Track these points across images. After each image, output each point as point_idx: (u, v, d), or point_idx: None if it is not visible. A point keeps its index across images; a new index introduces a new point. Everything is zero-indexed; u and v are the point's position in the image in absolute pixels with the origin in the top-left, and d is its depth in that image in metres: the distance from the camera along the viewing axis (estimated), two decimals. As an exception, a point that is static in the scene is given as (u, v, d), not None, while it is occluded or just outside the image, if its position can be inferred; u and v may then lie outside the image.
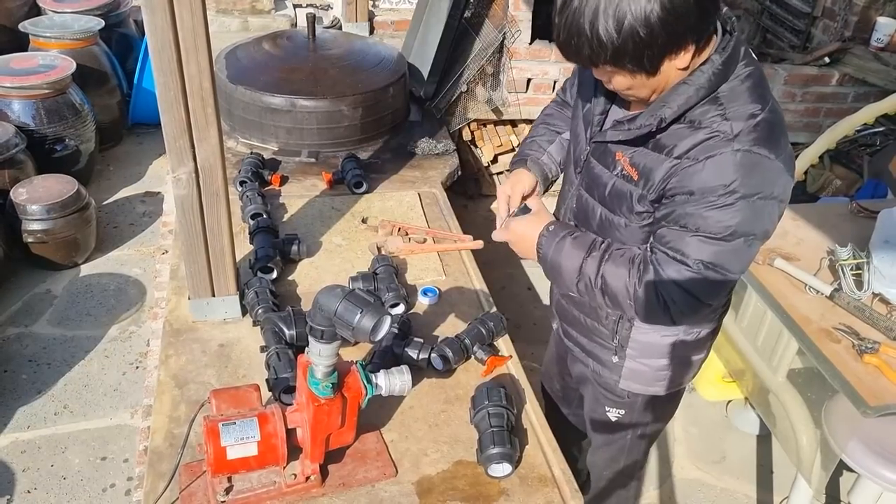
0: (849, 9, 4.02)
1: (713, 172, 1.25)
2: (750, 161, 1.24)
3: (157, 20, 1.58)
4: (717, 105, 1.28)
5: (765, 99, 1.30)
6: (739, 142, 1.24)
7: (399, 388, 1.54)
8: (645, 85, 1.28)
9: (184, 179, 1.79)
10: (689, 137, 1.29)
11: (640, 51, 1.18)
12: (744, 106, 1.28)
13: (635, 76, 1.25)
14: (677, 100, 1.28)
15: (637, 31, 1.15)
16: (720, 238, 1.28)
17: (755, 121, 1.26)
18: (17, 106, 3.38)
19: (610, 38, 1.16)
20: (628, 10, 1.14)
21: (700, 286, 1.33)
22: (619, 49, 1.18)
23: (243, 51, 3.17)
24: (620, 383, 1.69)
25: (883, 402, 1.86)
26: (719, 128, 1.26)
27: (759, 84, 1.31)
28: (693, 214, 1.28)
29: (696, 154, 1.27)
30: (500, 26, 3.56)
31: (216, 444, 1.41)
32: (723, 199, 1.25)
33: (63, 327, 2.95)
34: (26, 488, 2.33)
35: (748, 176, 1.24)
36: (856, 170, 3.63)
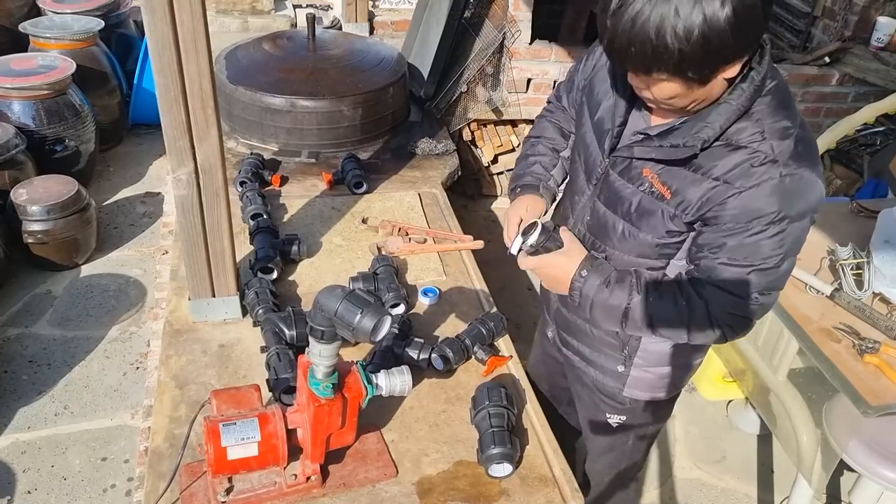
0: (849, 8, 4.02)
1: (762, 199, 1.23)
2: (796, 185, 1.23)
3: (157, 21, 1.58)
4: (754, 122, 1.25)
5: (794, 113, 1.28)
6: (785, 165, 1.22)
7: (399, 389, 1.54)
8: (690, 95, 1.22)
9: (184, 180, 1.79)
10: (726, 158, 1.25)
11: (704, 59, 1.13)
12: (779, 122, 1.25)
13: (688, 85, 1.18)
14: (719, 119, 1.24)
15: (708, 38, 1.09)
16: (772, 267, 1.28)
17: (792, 138, 1.24)
18: (18, 107, 3.38)
19: (678, 44, 1.10)
20: (701, 16, 1.07)
21: (755, 311, 1.34)
22: (686, 57, 1.11)
23: (243, 51, 3.17)
24: (625, 391, 1.68)
25: (883, 402, 1.85)
26: (760, 148, 1.23)
27: (787, 97, 1.29)
28: (745, 245, 1.26)
29: (739, 178, 1.24)
30: (500, 26, 3.56)
31: (217, 444, 1.41)
32: (773, 226, 1.24)
33: (63, 328, 2.95)
34: (27, 489, 2.33)
35: (796, 200, 1.23)
36: (856, 169, 3.63)
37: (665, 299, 1.37)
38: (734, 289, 1.31)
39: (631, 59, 1.16)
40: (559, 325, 1.77)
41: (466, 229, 2.55)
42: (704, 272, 1.34)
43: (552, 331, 1.82)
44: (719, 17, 1.08)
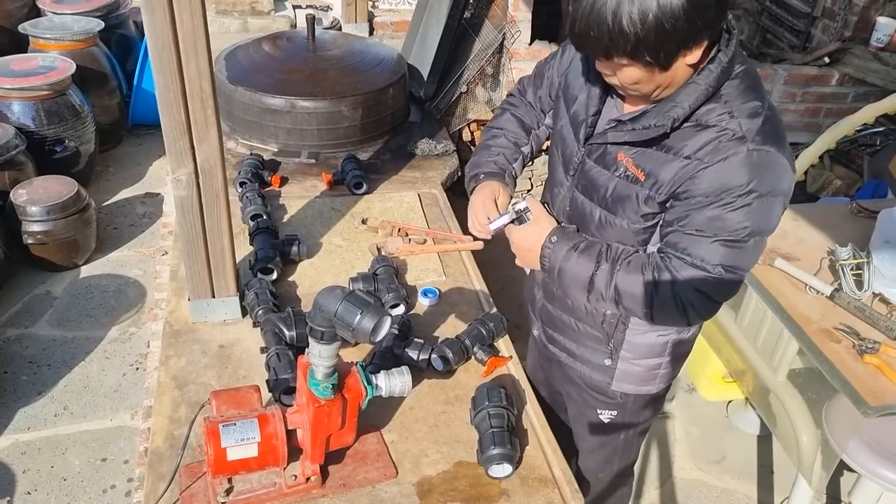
0: (848, 9, 4.02)
1: (730, 173, 1.25)
2: (763, 159, 1.25)
3: (157, 21, 1.58)
4: (722, 103, 1.28)
5: (763, 96, 1.31)
6: (752, 141, 1.25)
7: (399, 389, 1.54)
8: (653, 80, 1.26)
9: (184, 180, 1.79)
10: (695, 137, 1.29)
11: (660, 43, 1.17)
12: (747, 104, 1.28)
13: (647, 68, 1.22)
14: (687, 99, 1.27)
15: (661, 23, 1.14)
16: (739, 240, 1.29)
17: (761, 118, 1.27)
18: (17, 107, 3.38)
19: (633, 28, 1.14)
20: (655, 1, 1.12)
21: (719, 288, 1.34)
22: (641, 41, 1.16)
23: (243, 52, 3.18)
24: (613, 385, 1.69)
25: (883, 402, 1.86)
26: (728, 126, 1.26)
27: (756, 81, 1.32)
28: (712, 218, 1.28)
29: (708, 154, 1.27)
30: (500, 27, 3.56)
31: (216, 445, 1.41)
32: (741, 199, 1.25)
33: (63, 328, 2.95)
34: (27, 489, 2.33)
35: (763, 174, 1.25)
36: (856, 170, 3.63)
37: (632, 271, 1.39)
38: (699, 261, 1.32)
39: (590, 43, 1.21)
40: (544, 322, 1.77)
41: (466, 230, 2.55)
42: (671, 245, 1.36)
43: (538, 328, 1.83)
44: (672, 2, 1.12)
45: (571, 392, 1.83)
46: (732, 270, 1.33)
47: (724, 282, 1.33)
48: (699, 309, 1.37)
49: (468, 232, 2.49)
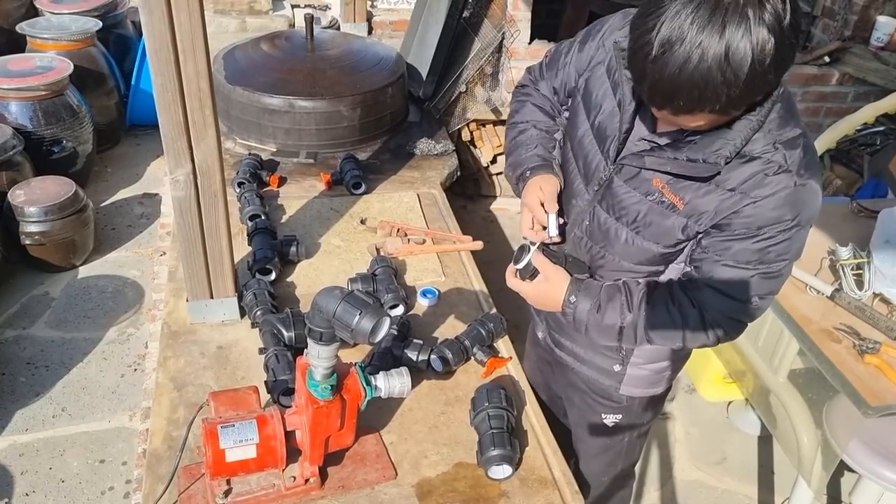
0: (848, 8, 4.02)
1: (777, 208, 1.23)
2: (808, 193, 1.24)
3: (155, 21, 1.58)
4: (766, 132, 1.23)
5: (799, 119, 1.27)
6: (798, 174, 1.22)
7: (398, 390, 1.53)
8: (714, 121, 1.18)
9: (182, 181, 1.79)
10: (739, 169, 1.24)
11: (748, 98, 1.11)
12: (788, 131, 1.24)
13: (710, 115, 1.13)
14: (739, 136, 1.21)
15: (754, 81, 1.06)
16: (777, 272, 1.29)
17: (801, 147, 1.24)
18: (15, 107, 3.38)
19: (728, 90, 1.05)
20: (750, 56, 1.03)
21: (751, 313, 1.36)
22: (733, 100, 1.08)
23: (241, 51, 3.17)
24: (621, 389, 1.69)
25: (884, 403, 1.85)
26: (773, 158, 1.22)
27: (792, 103, 1.28)
28: (753, 251, 1.27)
29: (754, 188, 1.23)
30: (499, 26, 3.56)
31: (215, 446, 1.40)
32: (784, 233, 1.25)
33: (61, 329, 2.94)
34: (25, 491, 2.33)
35: (806, 208, 1.24)
36: (856, 169, 3.63)
37: (658, 311, 1.37)
38: (734, 292, 1.31)
39: (674, 104, 1.11)
40: (551, 326, 1.76)
41: (465, 230, 2.55)
42: (704, 273, 1.33)
43: (543, 331, 1.81)
44: (766, 54, 1.04)
45: (574, 397, 1.82)
46: (766, 297, 1.33)
47: (757, 307, 1.34)
48: (731, 333, 1.38)
49: (467, 232, 2.50)
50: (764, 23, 1.02)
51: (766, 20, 1.02)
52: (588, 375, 1.72)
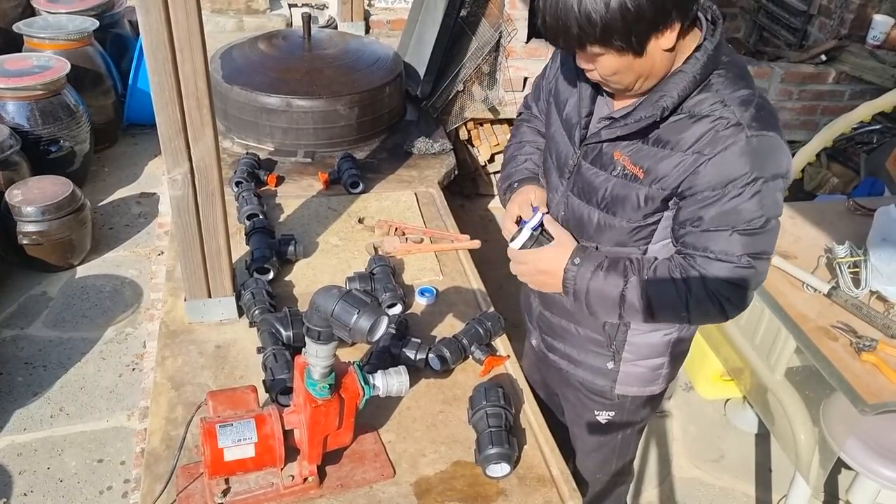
0: (845, 6, 4.02)
1: (733, 162, 1.25)
2: (764, 145, 1.25)
3: (152, 20, 1.58)
4: (714, 92, 1.28)
5: (751, 83, 1.32)
6: (750, 127, 1.25)
7: (397, 389, 1.53)
8: (632, 69, 1.26)
9: (179, 180, 1.79)
10: (691, 129, 1.29)
11: (628, 26, 1.18)
12: (738, 92, 1.29)
13: (622, 56, 1.23)
14: (675, 88, 1.28)
15: (626, 5, 1.15)
16: (757, 228, 1.29)
17: (753, 105, 1.27)
18: (12, 107, 3.37)
19: (599, 13, 1.16)
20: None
21: (749, 276, 1.34)
22: (608, 25, 1.17)
23: (238, 51, 3.17)
24: (616, 388, 1.69)
25: (881, 400, 1.86)
26: (722, 114, 1.26)
27: (744, 71, 1.33)
28: (725, 212, 1.28)
29: (706, 146, 1.27)
30: (497, 25, 3.56)
31: (213, 445, 1.40)
32: (749, 187, 1.26)
33: (59, 329, 2.94)
34: (23, 491, 2.33)
35: (766, 160, 1.25)
36: (853, 167, 3.64)
37: (661, 279, 1.38)
38: (724, 256, 1.32)
39: (561, 35, 1.22)
40: (543, 331, 1.76)
41: (463, 229, 2.55)
42: (690, 246, 1.35)
43: (536, 338, 1.81)
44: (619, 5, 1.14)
45: (569, 395, 1.82)
46: (758, 256, 1.33)
47: (753, 268, 1.34)
48: (735, 301, 1.36)
49: (465, 231, 2.50)
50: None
51: None
52: (583, 377, 1.72)
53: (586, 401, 1.77)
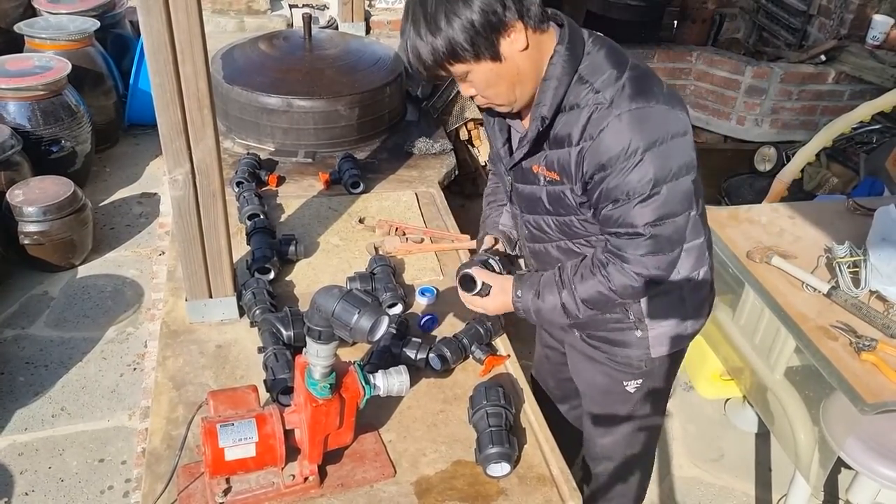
0: (844, 6, 4.02)
1: (610, 141, 1.34)
2: (634, 117, 1.33)
3: (153, 21, 1.58)
4: (585, 84, 1.38)
5: (622, 62, 1.39)
6: (617, 106, 1.34)
7: (397, 389, 1.54)
8: (500, 76, 1.37)
9: (180, 180, 1.79)
10: (577, 121, 1.38)
11: (469, 36, 1.30)
12: (604, 75, 1.37)
13: (483, 63, 1.34)
14: (546, 95, 1.39)
15: (456, 20, 1.29)
16: (650, 194, 1.36)
17: (621, 82, 1.36)
18: (13, 107, 3.37)
19: (439, 33, 1.30)
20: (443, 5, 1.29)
21: (660, 243, 1.41)
22: (451, 39, 1.30)
23: (239, 51, 3.17)
24: (652, 353, 1.69)
25: (880, 400, 1.86)
26: (596, 101, 1.36)
27: (611, 52, 1.41)
28: (615, 186, 1.36)
29: (590, 132, 1.36)
30: (497, 25, 3.56)
31: (214, 445, 1.40)
32: (630, 160, 1.33)
33: (60, 329, 2.95)
34: (24, 490, 2.33)
35: (639, 131, 1.33)
36: (852, 167, 3.64)
37: (586, 280, 1.50)
38: (630, 229, 1.40)
39: (423, 64, 1.36)
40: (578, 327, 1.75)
41: (463, 229, 2.55)
42: (604, 223, 1.45)
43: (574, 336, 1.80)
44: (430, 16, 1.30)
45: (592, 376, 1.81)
46: (661, 221, 1.39)
47: (662, 235, 1.41)
48: (654, 270, 1.44)
49: (465, 231, 2.51)
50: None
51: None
52: (610, 353, 1.72)
53: (614, 374, 1.75)
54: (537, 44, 1.37)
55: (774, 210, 2.66)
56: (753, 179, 3.81)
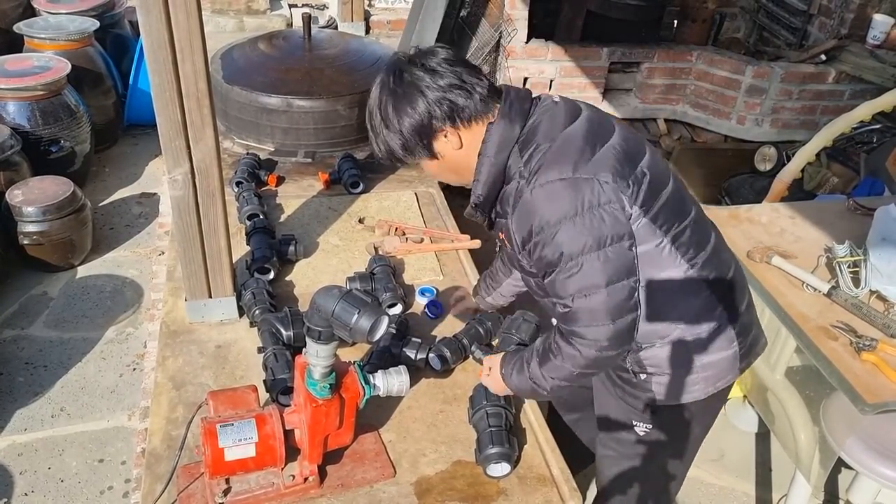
0: (845, 6, 4.02)
1: (525, 217, 1.38)
2: (545, 193, 1.35)
3: (152, 21, 1.58)
4: (519, 156, 1.41)
5: (550, 134, 1.41)
6: (530, 182, 1.37)
7: (397, 389, 1.53)
8: (443, 167, 1.50)
9: (180, 180, 1.79)
10: (511, 194, 1.43)
11: (404, 147, 1.45)
12: (528, 148, 1.40)
13: (423, 162, 1.50)
14: (482, 173, 1.45)
15: (394, 136, 1.44)
16: (566, 268, 1.36)
17: (539, 153, 1.38)
18: (13, 107, 3.37)
19: (382, 143, 1.47)
20: (383, 122, 1.44)
21: (593, 314, 1.39)
22: (390, 150, 1.47)
23: (239, 51, 3.17)
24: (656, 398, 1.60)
25: (881, 400, 1.85)
26: (520, 174, 1.40)
27: (555, 117, 1.43)
28: (539, 258, 1.42)
29: (513, 206, 1.42)
30: (497, 25, 3.56)
31: (214, 445, 1.40)
32: (542, 234, 1.36)
33: (59, 329, 2.94)
34: (24, 491, 2.33)
35: (548, 206, 1.35)
36: (853, 167, 3.63)
37: (543, 356, 1.51)
38: (558, 299, 1.42)
39: (381, 159, 1.53)
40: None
41: (463, 229, 2.55)
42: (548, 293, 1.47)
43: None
44: (389, 135, 1.44)
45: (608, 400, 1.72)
46: (586, 293, 1.37)
47: (591, 307, 1.38)
48: (598, 340, 1.40)
49: (465, 231, 2.50)
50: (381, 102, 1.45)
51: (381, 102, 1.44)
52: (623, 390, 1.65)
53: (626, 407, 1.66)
54: (475, 136, 1.44)
55: (775, 210, 2.66)
56: (754, 179, 3.80)
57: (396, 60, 1.46)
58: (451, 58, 1.45)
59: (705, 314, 1.53)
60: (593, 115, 1.47)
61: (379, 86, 1.46)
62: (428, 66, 1.42)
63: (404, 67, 1.43)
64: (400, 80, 1.42)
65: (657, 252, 1.43)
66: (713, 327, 1.54)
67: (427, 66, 1.42)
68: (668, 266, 1.45)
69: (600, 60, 3.91)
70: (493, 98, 1.45)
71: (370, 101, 1.48)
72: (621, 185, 1.37)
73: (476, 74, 1.45)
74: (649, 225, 1.40)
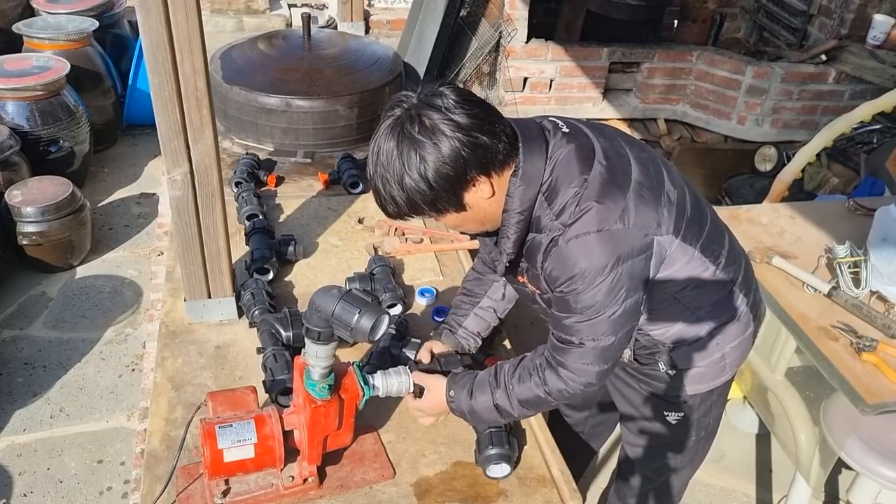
0: (845, 6, 4.02)
1: (554, 270, 1.35)
2: (573, 248, 1.32)
3: (152, 20, 1.57)
4: (547, 206, 1.35)
5: (575, 180, 1.34)
6: (563, 236, 1.33)
7: (397, 389, 1.53)
8: (467, 219, 1.38)
9: (179, 180, 1.79)
10: (541, 245, 1.37)
11: (429, 200, 1.30)
12: (565, 192, 1.34)
13: (446, 215, 1.36)
14: (509, 229, 1.39)
15: (418, 187, 1.28)
16: (593, 318, 1.36)
17: (573, 205, 1.33)
18: (11, 107, 3.37)
19: (400, 197, 1.30)
20: (405, 173, 1.27)
21: (599, 355, 1.40)
22: (412, 204, 1.31)
23: (238, 51, 3.16)
24: (687, 389, 1.65)
25: (881, 400, 1.85)
26: (550, 226, 1.35)
27: (567, 167, 1.36)
28: (565, 300, 1.37)
29: (547, 256, 1.36)
30: (497, 25, 3.56)
31: (213, 446, 1.40)
32: (569, 285, 1.34)
33: (58, 330, 2.94)
34: (22, 492, 2.32)
35: (576, 262, 1.32)
36: (853, 167, 3.63)
37: (523, 380, 1.47)
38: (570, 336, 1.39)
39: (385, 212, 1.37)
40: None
41: (463, 229, 2.55)
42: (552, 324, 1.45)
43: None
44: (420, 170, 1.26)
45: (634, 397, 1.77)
46: (596, 336, 1.38)
47: (596, 349, 1.39)
48: (589, 378, 1.41)
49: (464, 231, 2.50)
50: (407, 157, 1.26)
51: (409, 157, 1.26)
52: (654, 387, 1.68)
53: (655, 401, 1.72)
54: (505, 182, 1.35)
55: (775, 210, 2.65)
56: (754, 179, 3.80)
57: (402, 102, 1.30)
58: (466, 97, 1.30)
59: (731, 306, 1.58)
60: (607, 147, 1.41)
61: (388, 132, 1.28)
62: (444, 107, 1.27)
63: (416, 110, 1.27)
64: (416, 124, 1.26)
65: (689, 263, 1.45)
66: (737, 315, 1.60)
67: (443, 106, 1.27)
68: (699, 272, 1.48)
69: (600, 60, 3.92)
70: (514, 139, 1.35)
71: (377, 150, 1.29)
72: (652, 225, 1.37)
73: (496, 114, 1.33)
74: (681, 245, 1.42)
